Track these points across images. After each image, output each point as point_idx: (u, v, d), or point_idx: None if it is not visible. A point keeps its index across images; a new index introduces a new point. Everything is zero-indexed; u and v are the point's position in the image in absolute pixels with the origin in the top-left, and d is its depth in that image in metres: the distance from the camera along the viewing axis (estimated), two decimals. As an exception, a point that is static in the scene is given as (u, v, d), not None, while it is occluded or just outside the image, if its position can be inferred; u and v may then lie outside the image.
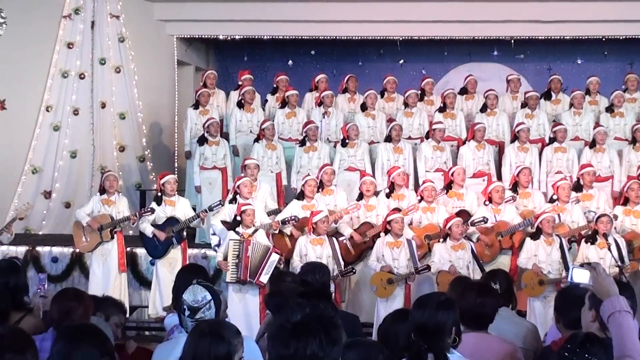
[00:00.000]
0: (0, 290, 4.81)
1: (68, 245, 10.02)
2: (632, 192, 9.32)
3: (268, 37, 13.04)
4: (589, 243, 8.76)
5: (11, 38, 11.63)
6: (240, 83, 11.74)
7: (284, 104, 11.28)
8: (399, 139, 10.49)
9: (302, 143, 10.54)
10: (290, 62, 13.49)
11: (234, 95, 11.70)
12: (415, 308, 3.55)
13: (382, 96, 11.69)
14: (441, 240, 8.86)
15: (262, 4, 12.45)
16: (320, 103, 11.23)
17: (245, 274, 8.44)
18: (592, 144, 10.47)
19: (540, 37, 12.75)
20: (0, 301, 4.69)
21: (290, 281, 5.69)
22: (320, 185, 9.51)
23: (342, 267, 8.74)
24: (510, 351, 4.14)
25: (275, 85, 11.91)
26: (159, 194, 9.49)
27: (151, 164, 12.42)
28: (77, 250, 9.79)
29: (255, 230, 8.70)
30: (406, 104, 11.27)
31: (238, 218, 8.72)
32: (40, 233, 11.76)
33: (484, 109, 11.21)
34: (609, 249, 8.40)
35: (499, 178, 10.35)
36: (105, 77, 12.23)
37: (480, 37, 12.79)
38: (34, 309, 4.94)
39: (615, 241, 8.68)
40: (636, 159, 10.38)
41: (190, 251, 9.68)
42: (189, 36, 13.27)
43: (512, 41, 12.85)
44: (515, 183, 9.73)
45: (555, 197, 9.45)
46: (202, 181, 10.60)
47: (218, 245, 9.23)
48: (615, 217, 9.12)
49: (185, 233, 9.48)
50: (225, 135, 11.14)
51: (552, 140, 10.55)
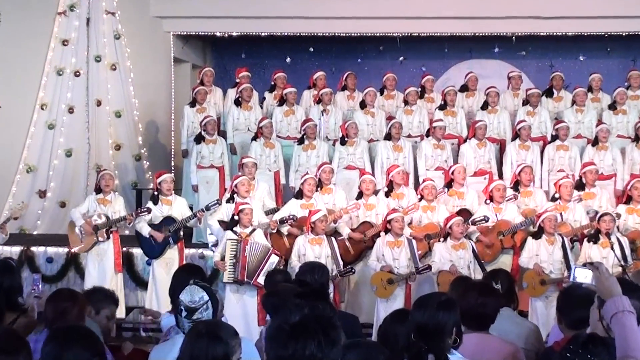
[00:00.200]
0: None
1: (63, 245, 9.98)
2: (635, 190, 9.33)
3: (266, 33, 12.98)
4: (591, 242, 8.72)
5: (5, 35, 11.65)
6: (237, 80, 11.67)
7: (282, 101, 11.24)
8: (398, 137, 10.44)
9: (301, 141, 10.49)
10: (288, 59, 13.39)
11: (232, 93, 11.65)
12: (416, 308, 3.54)
13: (381, 94, 11.64)
14: (441, 239, 8.82)
15: (260, 0, 12.40)
16: (318, 101, 11.18)
17: (243, 274, 8.42)
18: (595, 142, 10.43)
19: (542, 34, 12.70)
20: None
21: (282, 279, 5.68)
22: (319, 184, 9.48)
23: (341, 267, 8.71)
24: (511, 352, 4.12)
25: (273, 83, 11.86)
26: (156, 193, 9.47)
27: (147, 163, 12.42)
28: (73, 250, 9.72)
29: (253, 230, 8.67)
30: (406, 102, 11.23)
31: (236, 217, 8.68)
32: (35, 233, 11.77)
33: (485, 106, 11.15)
34: (612, 248, 8.43)
35: (500, 176, 10.32)
36: (100, 75, 12.22)
37: (481, 34, 12.73)
38: (29, 309, 4.89)
39: (618, 240, 8.66)
40: (639, 157, 10.33)
41: (187, 251, 9.63)
42: (185, 33, 13.20)
43: (514, 38, 12.77)
44: (516, 181, 9.72)
45: (557, 195, 9.42)
46: (199, 180, 10.57)
47: (215, 245, 9.19)
48: (618, 215, 9.11)
49: (182, 233, 9.43)
50: (223, 134, 11.10)
51: (554, 138, 10.52)
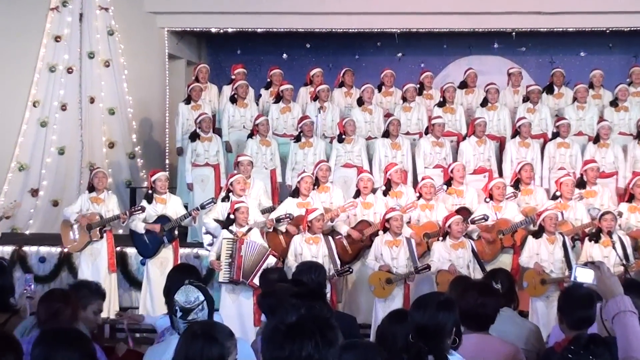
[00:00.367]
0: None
1: (56, 244, 9.97)
2: (637, 188, 9.35)
3: (262, 29, 12.94)
4: (592, 241, 8.72)
5: (-3, 31, 11.51)
6: (233, 77, 11.64)
7: (278, 98, 11.19)
8: (397, 135, 10.39)
9: (297, 139, 10.44)
10: (284, 55, 13.35)
11: (227, 90, 11.62)
12: (415, 308, 3.53)
13: (379, 90, 11.60)
14: (440, 238, 8.79)
15: (256, -4, 12.32)
16: (315, 98, 11.14)
17: (238, 274, 8.42)
18: (596, 139, 10.38)
19: (542, 29, 12.67)
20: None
21: (277, 278, 5.66)
22: (316, 182, 9.45)
23: (339, 266, 8.70)
24: (512, 352, 4.12)
25: (269, 80, 11.82)
26: (150, 191, 9.48)
27: (141, 161, 12.40)
28: (66, 250, 9.73)
29: (250, 229, 8.64)
30: (404, 99, 11.19)
31: (231, 216, 8.66)
32: (27, 232, 11.73)
33: (484, 103, 11.11)
34: (614, 247, 8.43)
35: (500, 174, 10.29)
36: (94, 72, 12.21)
37: (480, 29, 12.70)
38: (21, 310, 4.93)
39: (620, 239, 8.66)
40: (642, 155, 10.35)
41: (181, 250, 9.61)
42: (180, 29, 13.16)
43: (514, 33, 12.74)
44: (517, 179, 9.70)
45: (558, 194, 9.40)
46: (194, 178, 10.53)
47: (211, 244, 9.14)
48: (620, 214, 9.11)
49: (176, 232, 9.40)
50: (218, 131, 11.06)
51: (555, 135, 10.48)
